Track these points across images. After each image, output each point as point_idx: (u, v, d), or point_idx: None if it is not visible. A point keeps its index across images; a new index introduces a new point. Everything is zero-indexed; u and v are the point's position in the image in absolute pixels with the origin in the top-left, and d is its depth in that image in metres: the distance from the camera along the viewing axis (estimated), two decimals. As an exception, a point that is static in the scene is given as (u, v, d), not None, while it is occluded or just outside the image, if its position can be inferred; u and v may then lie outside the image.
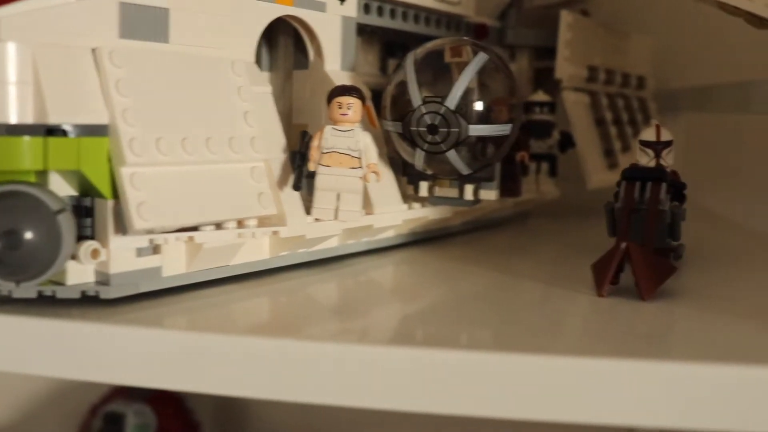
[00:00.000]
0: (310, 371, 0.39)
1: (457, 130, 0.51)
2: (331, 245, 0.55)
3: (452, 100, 0.51)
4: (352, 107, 0.50)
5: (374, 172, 0.51)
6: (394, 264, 0.58)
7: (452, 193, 0.57)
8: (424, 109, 0.51)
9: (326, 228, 0.51)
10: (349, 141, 0.51)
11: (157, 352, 0.40)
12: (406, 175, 0.57)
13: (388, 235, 0.60)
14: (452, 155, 0.52)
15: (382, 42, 0.71)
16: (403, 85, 0.53)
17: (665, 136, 0.55)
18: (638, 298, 0.46)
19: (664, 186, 0.51)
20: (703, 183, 1.10)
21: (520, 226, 0.74)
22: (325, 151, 0.51)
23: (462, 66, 0.52)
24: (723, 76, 1.00)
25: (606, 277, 0.47)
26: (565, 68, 0.73)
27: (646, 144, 0.56)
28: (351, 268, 0.56)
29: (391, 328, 0.43)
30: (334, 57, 0.57)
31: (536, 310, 0.46)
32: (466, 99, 0.52)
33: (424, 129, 0.52)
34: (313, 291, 0.51)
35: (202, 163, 0.46)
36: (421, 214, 0.59)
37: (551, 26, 0.77)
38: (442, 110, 0.51)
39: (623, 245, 0.47)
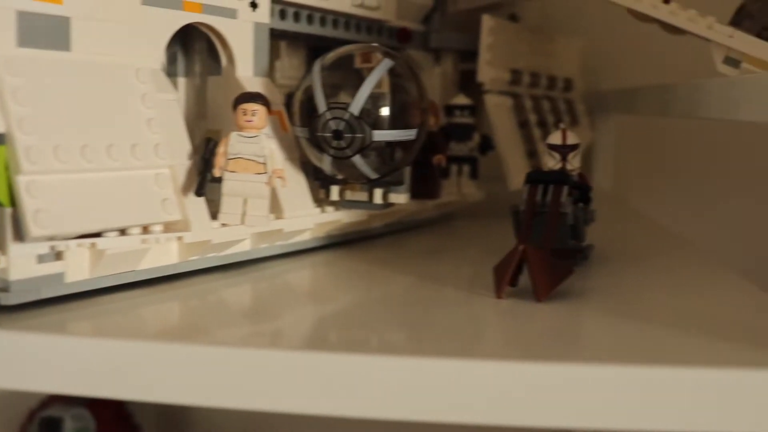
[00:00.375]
0: (217, 375, 0.39)
1: (361, 135, 0.52)
2: (244, 249, 0.56)
3: (356, 106, 0.52)
4: (256, 114, 0.51)
5: (280, 177, 0.51)
6: (311, 267, 0.59)
7: (363, 196, 0.58)
8: (329, 115, 0.52)
9: (232, 233, 0.52)
10: (254, 147, 0.51)
11: (59, 357, 0.41)
12: (318, 179, 0.58)
13: (304, 238, 0.60)
14: (358, 160, 0.53)
15: (307, 47, 0.72)
16: (309, 91, 0.54)
17: (571, 139, 0.57)
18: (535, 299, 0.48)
19: (565, 189, 0.53)
20: (632, 183, 1.13)
21: (443, 228, 0.75)
22: (231, 157, 0.51)
23: (371, 72, 0.53)
24: (648, 78, 1.02)
25: (503, 279, 0.48)
26: (486, 72, 0.75)
27: (552, 147, 0.57)
28: (266, 271, 0.56)
29: (302, 332, 0.44)
30: (246, 63, 0.58)
31: (440, 312, 0.47)
32: (371, 105, 0.52)
33: (330, 135, 0.53)
34: (225, 294, 0.51)
35: (103, 171, 0.46)
36: (334, 218, 0.60)
37: (476, 30, 0.78)
38: (346, 116, 0.52)
39: (520, 248, 0.48)
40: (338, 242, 0.65)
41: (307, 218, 0.57)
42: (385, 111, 0.53)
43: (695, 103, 0.66)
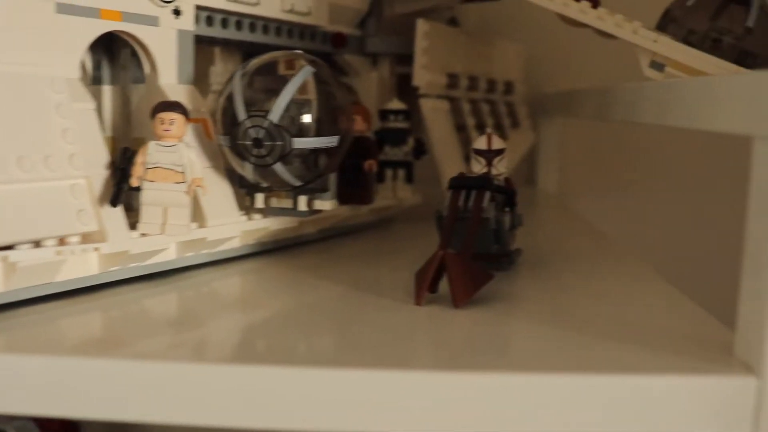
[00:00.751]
0: (138, 389, 0.39)
1: (281, 143, 0.52)
2: (169, 258, 0.55)
3: (275, 114, 0.52)
4: (174, 123, 0.51)
5: (199, 186, 0.51)
6: (240, 274, 0.59)
7: (288, 204, 0.58)
8: (248, 123, 0.52)
9: (152, 243, 0.52)
10: (173, 156, 0.51)
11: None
12: (243, 187, 0.58)
13: (233, 246, 0.60)
14: (279, 168, 0.53)
15: (242, 52, 0.72)
16: (231, 99, 0.53)
17: (496, 144, 0.57)
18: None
19: (487, 194, 0.53)
20: (577, 185, 1.14)
21: (379, 233, 0.75)
22: (149, 166, 0.51)
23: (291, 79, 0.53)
24: (591, 81, 1.03)
25: (422, 286, 0.48)
26: (422, 76, 0.75)
27: (478, 152, 0.57)
28: (193, 279, 0.56)
29: (227, 342, 0.44)
30: (170, 71, 0.57)
31: (361, 321, 0.47)
32: (291, 112, 0.52)
33: (250, 143, 0.52)
34: (149, 304, 0.51)
35: (13, 183, 0.45)
36: (261, 225, 0.60)
37: (413, 34, 0.79)
38: (266, 124, 0.52)
39: (439, 253, 0.48)
40: (269, 249, 0.65)
41: (231, 226, 0.57)
42: (306, 118, 0.53)
43: (631, 107, 0.66)
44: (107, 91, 0.60)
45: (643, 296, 0.54)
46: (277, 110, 0.52)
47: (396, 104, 0.74)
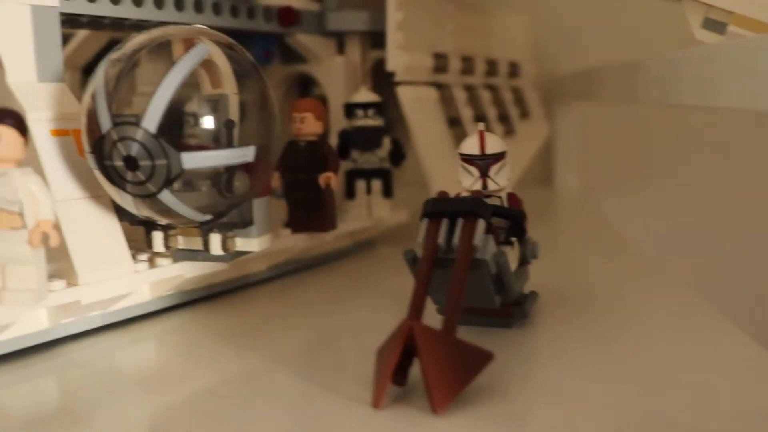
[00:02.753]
0: None
1: (164, 162, 0.34)
2: (38, 328, 0.38)
3: (151, 120, 0.34)
4: (1, 139, 0.33)
5: (45, 232, 0.34)
6: (145, 341, 0.42)
7: (199, 244, 0.40)
8: (114, 135, 0.35)
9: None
10: (3, 189, 0.34)
11: None
12: (135, 223, 0.41)
13: (140, 301, 0.43)
14: (168, 198, 0.36)
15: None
16: (94, 99, 0.36)
17: (493, 146, 0.40)
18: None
19: (480, 223, 0.35)
20: (599, 184, 0.95)
21: (356, 262, 0.58)
22: (-27, 205, 0.34)
23: (174, 66, 0.36)
24: (613, 57, 0.85)
25: (382, 382, 0.31)
26: (398, 58, 0.57)
27: (467, 159, 0.40)
28: (83, 352, 0.40)
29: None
30: (23, 64, 0.40)
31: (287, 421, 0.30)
32: (176, 116, 0.35)
33: (120, 163, 0.35)
34: (6, 396, 0.35)
35: None
36: (169, 274, 0.42)
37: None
38: (139, 135, 0.34)
39: (406, 325, 0.31)
40: (200, 297, 0.48)
41: (120, 282, 0.40)
42: (204, 122, 0.36)
43: (670, 84, 0.49)
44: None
45: (722, 354, 0.36)
46: (152, 114, 0.34)
47: (364, 96, 0.56)
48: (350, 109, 0.56)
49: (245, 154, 0.36)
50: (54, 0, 0.42)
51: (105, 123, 0.35)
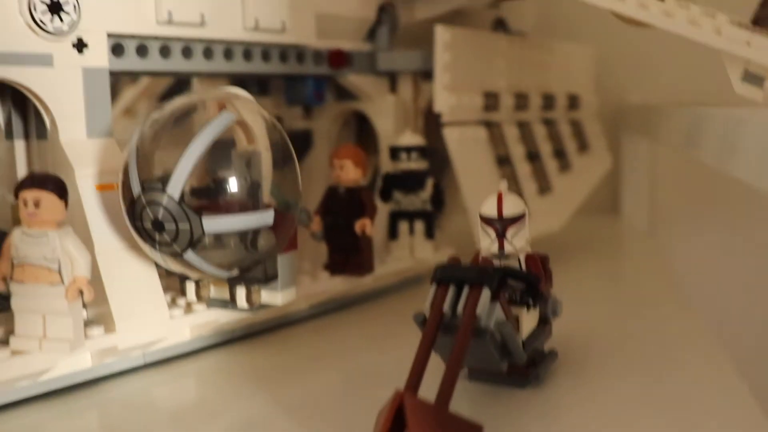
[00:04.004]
0: None
1: (187, 226, 0.37)
2: (82, 367, 0.42)
3: (175, 186, 0.37)
4: (41, 204, 0.37)
5: (81, 289, 0.37)
6: (186, 377, 0.45)
7: (227, 294, 0.43)
8: (144, 200, 0.37)
9: (27, 364, 0.38)
10: (43, 249, 0.37)
11: None
12: (169, 272, 0.43)
13: (179, 341, 0.46)
14: (192, 257, 0.38)
15: (228, 80, 0.58)
16: (128, 162, 0.39)
17: (512, 208, 0.40)
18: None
19: (486, 292, 0.36)
20: (670, 217, 0.92)
21: (399, 299, 0.59)
22: (17, 262, 0.37)
23: (198, 134, 0.38)
24: (686, 89, 0.83)
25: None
26: (444, 99, 0.58)
27: (485, 220, 0.41)
28: (123, 389, 0.43)
29: None
30: (75, 122, 0.44)
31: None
32: (200, 180, 0.37)
33: (150, 226, 0.38)
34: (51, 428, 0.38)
35: None
36: (204, 319, 0.45)
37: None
38: (165, 200, 0.37)
39: (398, 396, 0.32)
40: (238, 337, 0.50)
41: (153, 328, 0.43)
42: (228, 186, 0.38)
43: (726, 143, 0.47)
44: (20, 147, 0.47)
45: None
46: (177, 180, 0.37)
47: (408, 139, 0.58)
48: (394, 152, 0.58)
49: (266, 218, 0.39)
50: (104, 60, 0.45)
51: (135, 187, 0.38)
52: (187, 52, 0.50)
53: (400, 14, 0.63)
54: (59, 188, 0.37)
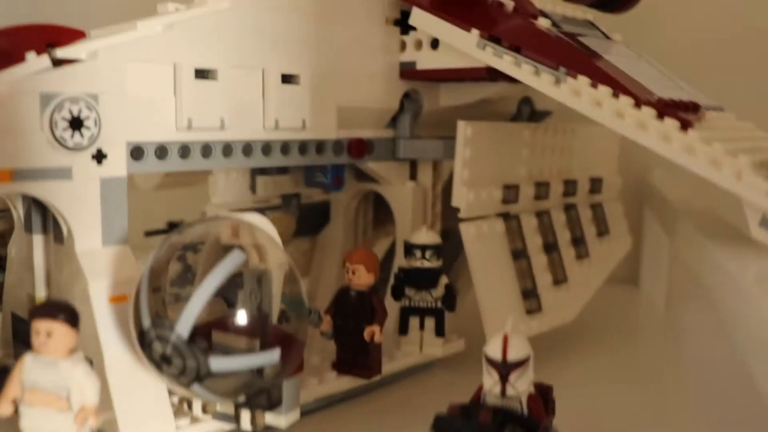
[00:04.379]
0: None
1: (194, 364, 0.37)
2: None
3: (184, 326, 0.37)
4: (53, 335, 0.37)
5: (87, 417, 0.38)
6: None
7: (232, 411, 0.43)
8: (152, 334, 0.38)
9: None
10: (53, 376, 0.38)
11: None
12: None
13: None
14: (199, 390, 0.39)
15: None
16: (139, 290, 0.39)
17: (516, 352, 0.40)
18: None
19: (483, 444, 0.36)
20: (688, 295, 0.91)
21: (409, 386, 0.59)
22: (27, 386, 0.38)
23: (208, 274, 0.39)
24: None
25: None
26: (463, 195, 0.58)
27: (489, 362, 0.41)
28: None
29: None
30: (91, 231, 0.44)
31: None
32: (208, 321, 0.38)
33: (157, 358, 0.38)
34: None
35: None
36: (210, 429, 0.46)
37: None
38: (173, 338, 0.37)
39: None
40: None
41: (159, 441, 0.43)
42: (236, 325, 0.39)
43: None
44: (38, 241, 0.48)
45: None
46: (185, 320, 0.37)
47: (423, 238, 0.58)
48: (409, 249, 0.58)
49: (272, 357, 0.39)
50: (122, 169, 0.45)
51: (145, 321, 0.38)
52: (206, 152, 0.50)
53: (423, 101, 0.63)
54: (71, 317, 0.38)
